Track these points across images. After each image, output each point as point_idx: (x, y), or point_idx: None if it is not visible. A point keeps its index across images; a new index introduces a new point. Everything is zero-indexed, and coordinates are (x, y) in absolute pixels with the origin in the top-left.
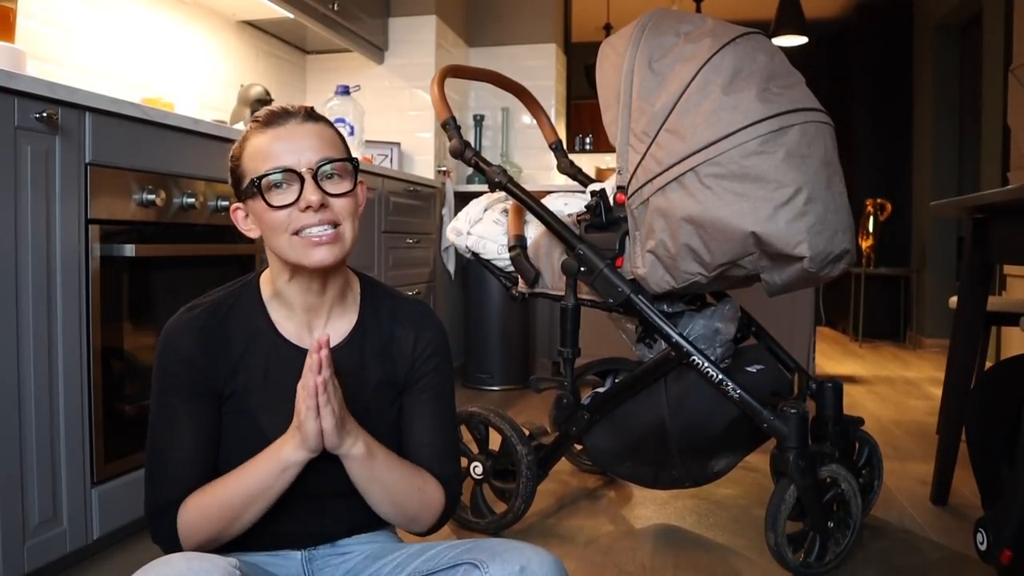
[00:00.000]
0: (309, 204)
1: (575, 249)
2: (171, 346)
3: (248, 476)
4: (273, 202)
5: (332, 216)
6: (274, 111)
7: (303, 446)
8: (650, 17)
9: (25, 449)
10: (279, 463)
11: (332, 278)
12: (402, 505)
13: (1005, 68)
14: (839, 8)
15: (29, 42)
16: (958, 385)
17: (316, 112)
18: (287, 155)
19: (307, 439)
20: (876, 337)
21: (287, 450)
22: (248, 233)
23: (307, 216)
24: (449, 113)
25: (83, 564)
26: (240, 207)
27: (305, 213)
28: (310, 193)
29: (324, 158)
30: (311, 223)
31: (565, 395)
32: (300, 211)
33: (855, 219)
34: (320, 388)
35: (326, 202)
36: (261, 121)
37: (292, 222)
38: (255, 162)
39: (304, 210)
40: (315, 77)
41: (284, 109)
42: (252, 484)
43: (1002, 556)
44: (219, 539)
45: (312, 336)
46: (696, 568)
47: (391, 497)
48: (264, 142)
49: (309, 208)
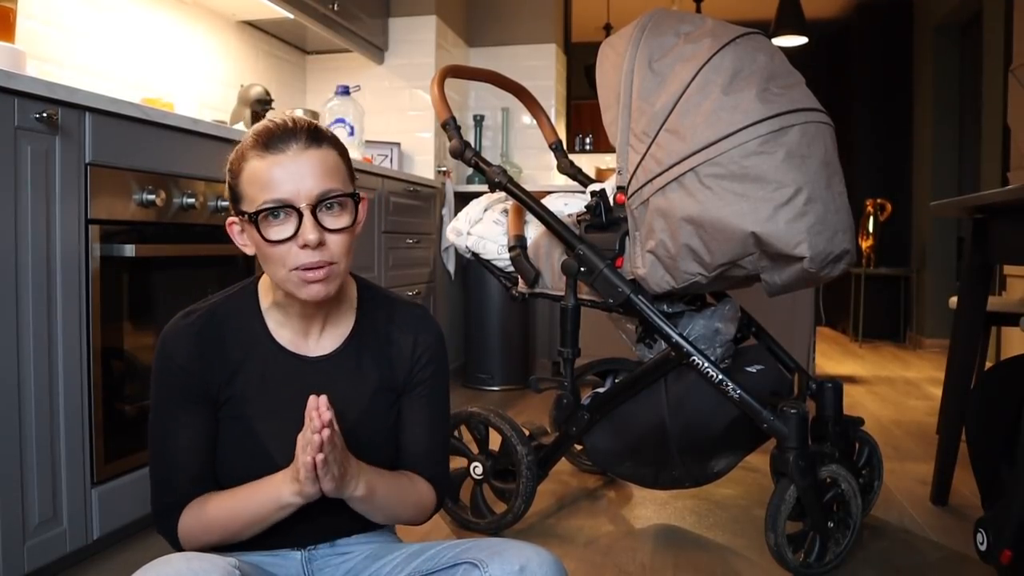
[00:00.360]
0: (307, 243)
1: (575, 249)
2: (168, 351)
3: (248, 507)
4: (270, 236)
5: (329, 255)
6: (275, 131)
7: (300, 495)
8: (650, 17)
9: (25, 449)
10: (277, 501)
11: None
12: (397, 517)
13: (1005, 68)
14: (839, 8)
15: (29, 42)
16: (958, 385)
17: (320, 131)
18: (286, 185)
19: (305, 495)
20: (876, 337)
21: (286, 493)
22: (243, 248)
23: (304, 254)
24: (449, 113)
25: (83, 564)
26: (235, 222)
27: (303, 250)
28: (308, 232)
29: (324, 191)
30: (308, 262)
31: (565, 395)
32: (298, 247)
33: (855, 219)
34: (320, 464)
35: (324, 240)
36: (261, 143)
37: (289, 257)
38: (253, 188)
39: (302, 247)
40: (315, 77)
41: (286, 127)
42: (251, 515)
43: (1002, 556)
44: (217, 547)
45: (308, 342)
46: (696, 568)
47: (387, 515)
48: (263, 168)
49: (307, 246)
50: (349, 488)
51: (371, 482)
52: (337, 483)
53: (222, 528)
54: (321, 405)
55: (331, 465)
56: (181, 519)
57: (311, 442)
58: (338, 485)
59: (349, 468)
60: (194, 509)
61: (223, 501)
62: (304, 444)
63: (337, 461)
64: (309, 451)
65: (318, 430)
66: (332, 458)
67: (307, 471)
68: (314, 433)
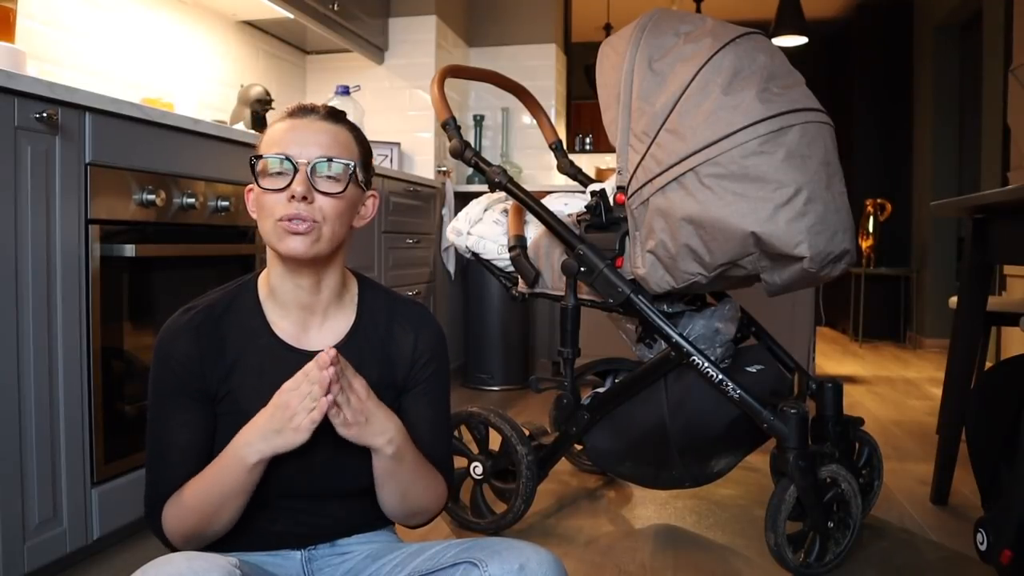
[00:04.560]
0: (294, 194)
1: (575, 249)
2: (166, 347)
3: (216, 479)
4: (264, 184)
5: (313, 212)
6: (303, 105)
7: (279, 441)
8: (650, 17)
9: (25, 449)
10: (242, 462)
11: (326, 276)
12: (410, 502)
13: (1005, 68)
14: (839, 8)
15: (29, 42)
16: (958, 385)
17: (341, 114)
18: (293, 145)
19: (300, 433)
20: (876, 337)
21: (247, 452)
22: (252, 214)
23: (291, 206)
24: (449, 113)
25: (83, 564)
26: (252, 188)
27: (291, 202)
28: (297, 184)
29: (324, 155)
30: (292, 213)
31: (565, 395)
32: (287, 200)
33: (855, 219)
34: (327, 407)
35: (311, 197)
36: (288, 111)
37: (278, 208)
38: (267, 144)
39: (290, 200)
40: (315, 77)
41: (312, 105)
42: (222, 488)
43: (1002, 556)
44: (203, 535)
45: (308, 336)
46: (696, 568)
47: (402, 495)
48: (280, 129)
49: (294, 198)
50: (376, 439)
51: (401, 446)
52: (360, 428)
53: (197, 512)
54: (329, 350)
55: (344, 409)
56: (164, 510)
57: (317, 380)
58: (361, 430)
59: (376, 416)
60: (173, 499)
61: (194, 483)
62: (292, 387)
63: (354, 407)
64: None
65: (325, 366)
66: (343, 400)
67: (304, 395)
68: (322, 369)
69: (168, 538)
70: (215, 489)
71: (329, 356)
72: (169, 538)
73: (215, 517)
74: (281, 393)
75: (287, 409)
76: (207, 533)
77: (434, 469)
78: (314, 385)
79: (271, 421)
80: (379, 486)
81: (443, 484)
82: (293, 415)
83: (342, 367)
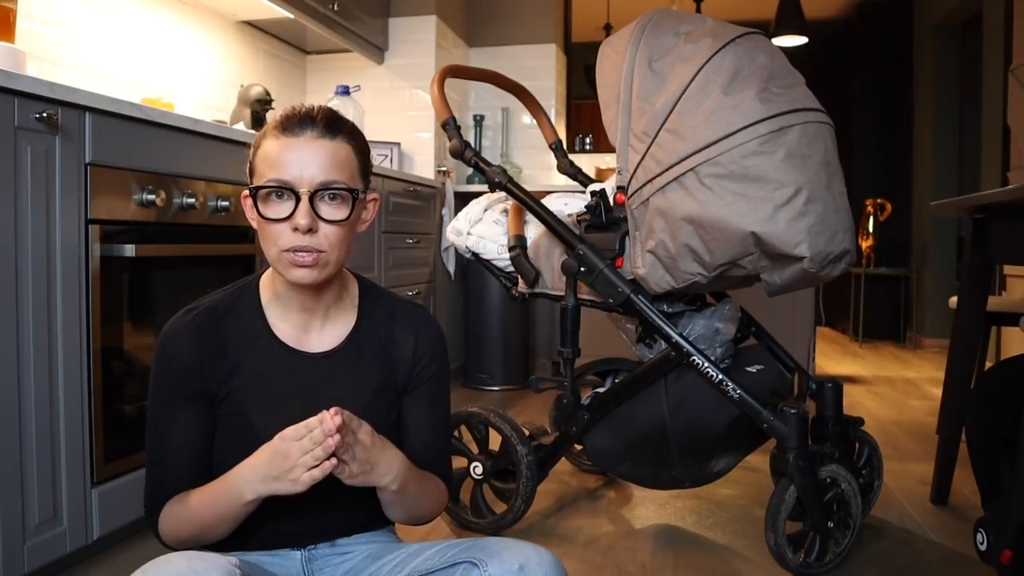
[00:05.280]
0: (297, 226)
1: (575, 249)
2: (167, 348)
3: (215, 504)
4: (267, 214)
5: (319, 243)
6: (295, 115)
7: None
8: (650, 17)
9: (25, 449)
10: (239, 499)
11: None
12: (414, 514)
13: (1005, 68)
14: (839, 8)
15: (29, 42)
16: (958, 385)
17: (338, 122)
18: (291, 168)
19: (297, 485)
20: (876, 337)
21: (247, 492)
22: (252, 223)
23: (296, 237)
24: (449, 113)
25: (83, 564)
26: (248, 195)
27: (294, 233)
28: (301, 216)
29: (326, 181)
30: (297, 245)
31: (565, 395)
32: (291, 230)
33: (855, 219)
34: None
35: (315, 227)
36: (281, 124)
37: (281, 238)
38: (263, 165)
39: (293, 230)
40: (315, 77)
41: (308, 113)
42: (218, 513)
43: (1002, 556)
44: (198, 543)
45: (308, 338)
46: (696, 568)
47: (408, 511)
48: (276, 148)
49: (297, 229)
50: (382, 480)
51: (406, 479)
52: (366, 475)
53: (194, 524)
54: (328, 418)
55: (350, 464)
56: (163, 512)
57: (321, 442)
58: (367, 477)
59: (380, 460)
60: (173, 503)
61: (194, 497)
62: (293, 436)
63: (359, 459)
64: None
65: (331, 432)
66: (349, 456)
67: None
68: (327, 436)
69: (164, 540)
70: (212, 510)
71: (335, 423)
72: (166, 540)
73: (210, 531)
74: (282, 439)
75: (287, 459)
76: (202, 542)
77: (436, 479)
78: (317, 447)
79: (270, 467)
80: (385, 508)
81: (444, 489)
82: (292, 467)
83: (346, 420)
